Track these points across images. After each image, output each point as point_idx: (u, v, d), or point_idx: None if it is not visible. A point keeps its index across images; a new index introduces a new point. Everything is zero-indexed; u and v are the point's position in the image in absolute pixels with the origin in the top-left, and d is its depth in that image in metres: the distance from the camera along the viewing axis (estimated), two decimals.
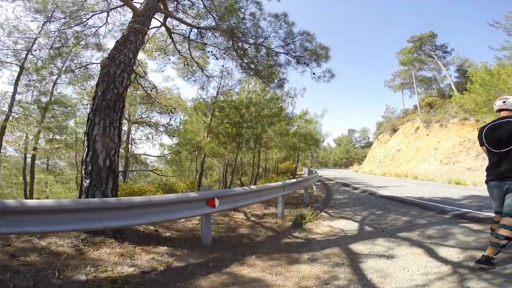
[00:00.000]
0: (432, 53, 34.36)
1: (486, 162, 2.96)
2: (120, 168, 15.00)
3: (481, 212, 5.00)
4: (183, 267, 3.04)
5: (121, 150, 15.31)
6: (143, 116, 14.85)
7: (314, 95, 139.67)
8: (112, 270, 2.73)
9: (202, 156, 10.14)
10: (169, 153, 14.12)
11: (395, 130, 36.37)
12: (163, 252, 3.40)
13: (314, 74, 7.38)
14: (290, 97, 12.09)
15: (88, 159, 3.87)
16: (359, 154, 61.42)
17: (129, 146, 14.98)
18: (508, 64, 17.62)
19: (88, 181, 3.78)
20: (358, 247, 3.61)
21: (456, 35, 73.97)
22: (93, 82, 10.37)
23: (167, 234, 4.25)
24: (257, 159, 11.08)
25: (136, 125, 15.68)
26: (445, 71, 32.87)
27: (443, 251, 3.22)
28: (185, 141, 11.41)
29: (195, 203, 3.36)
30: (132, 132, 16.10)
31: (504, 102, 2.77)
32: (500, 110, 2.82)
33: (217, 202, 3.47)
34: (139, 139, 16.07)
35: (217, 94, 9.81)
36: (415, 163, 24.97)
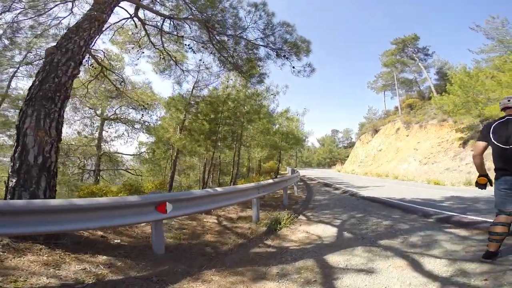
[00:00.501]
0: (414, 55, 35.07)
1: (463, 163, 2.83)
2: (91, 168, 14.03)
3: (465, 216, 4.69)
4: (118, 281, 2.48)
5: (92, 148, 14.35)
6: (116, 112, 13.92)
7: (298, 96, 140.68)
8: (25, 281, 2.22)
9: (175, 154, 9.44)
10: (145, 152, 13.31)
11: (376, 131, 36.88)
12: (101, 262, 2.81)
13: (293, 67, 6.93)
14: (272, 94, 11.65)
15: (16, 155, 3.20)
16: (342, 154, 62.17)
17: (101, 144, 14.00)
18: (486, 67, 18.00)
19: (14, 180, 3.12)
20: (335, 258, 3.14)
21: (438, 38, 76.56)
22: None
23: (116, 240, 3.63)
24: (237, 158, 10.53)
25: (111, 122, 14.74)
26: (425, 73, 33.63)
27: (429, 264, 2.81)
28: (157, 138, 10.68)
29: (140, 208, 2.79)
30: (107, 130, 15.15)
31: (509, 100, 2.80)
32: (505, 109, 2.84)
33: (169, 207, 2.90)
34: (116, 137, 15.13)
35: (192, 89, 9.17)
36: (395, 163, 25.26)
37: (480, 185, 2.96)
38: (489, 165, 2.77)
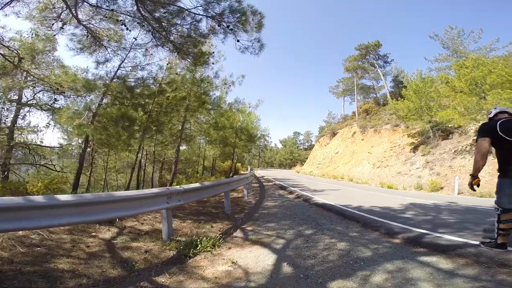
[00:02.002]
0: (375, 61, 36.14)
1: (413, 167, 5.51)
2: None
3: (440, 235, 3.59)
4: None
5: (3, 138, 11.39)
6: (37, 96, 11.16)
7: (263, 98, 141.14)
8: None
9: (83, 146, 7.33)
10: (67, 144, 10.82)
11: (334, 134, 37.34)
12: None
13: (238, 41, 5.43)
14: (225, 83, 10.04)
15: None
16: (302, 156, 62.83)
17: (14, 133, 11.13)
18: (437, 76, 18.46)
19: None
20: None
21: (398, 46, 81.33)
22: None
23: None
24: (176, 155, 8.77)
25: (31, 108, 11.86)
26: (383, 80, 34.82)
27: None
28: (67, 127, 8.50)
29: None
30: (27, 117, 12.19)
31: (495, 108, 3.01)
32: (497, 114, 2.89)
33: None
34: (34, 126, 12.24)
35: (117, 70, 7.18)
36: (350, 165, 25.34)
37: (474, 186, 2.87)
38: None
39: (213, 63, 10.05)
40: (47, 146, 11.17)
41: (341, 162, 28.21)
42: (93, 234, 3.96)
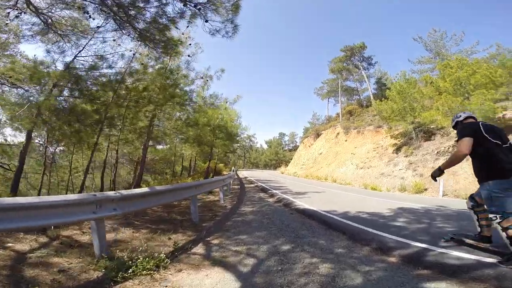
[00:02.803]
0: (359, 63, 36.23)
1: (396, 168, 3.45)
2: None
3: (444, 251, 2.91)
4: None
5: None
6: None
7: (250, 99, 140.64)
8: None
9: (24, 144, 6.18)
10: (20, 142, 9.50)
11: (318, 135, 37.11)
12: None
13: (206, 21, 4.59)
14: (201, 78, 9.10)
15: None
16: (287, 156, 62.51)
17: None
18: (421, 77, 18.33)
19: None
20: None
21: (382, 49, 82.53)
22: None
23: None
24: (143, 155, 7.75)
25: None
26: (367, 81, 34.92)
27: None
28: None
29: None
30: None
31: (464, 112, 3.11)
32: (466, 118, 3.00)
33: None
34: None
35: (73, 59, 6.10)
36: (334, 166, 25.00)
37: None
38: None
39: (189, 56, 9.15)
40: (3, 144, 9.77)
41: (325, 163, 27.88)
42: (9, 244, 3.05)
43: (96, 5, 5.54)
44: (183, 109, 8.20)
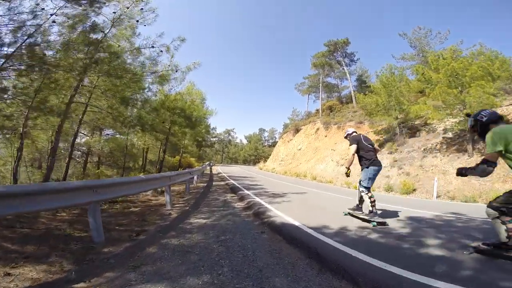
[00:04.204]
0: (342, 59, 35.02)
1: None
2: None
3: None
4: None
5: None
6: None
7: (233, 96, 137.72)
8: None
9: None
10: None
11: (298, 130, 35.62)
12: None
13: None
14: (152, 47, 6.71)
15: None
16: (266, 152, 60.88)
17: None
18: (399, 74, 17.06)
19: None
20: None
21: (364, 46, 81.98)
22: None
23: None
24: (54, 142, 5.28)
25: None
26: (349, 77, 33.82)
27: None
28: None
29: None
30: None
31: (355, 132, 4.73)
32: (349, 134, 4.69)
33: None
34: None
35: None
36: (313, 162, 23.56)
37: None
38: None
39: (137, 21, 6.75)
40: None
41: (304, 159, 26.38)
42: None
43: None
44: (123, 83, 5.87)
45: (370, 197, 3.95)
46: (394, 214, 4.91)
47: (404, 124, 15.98)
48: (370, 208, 3.91)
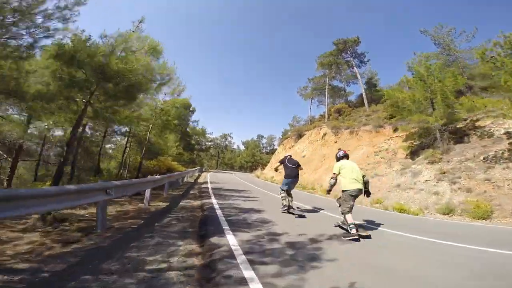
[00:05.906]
0: (351, 59, 31.61)
1: (420, 179, 8.52)
2: None
3: None
4: None
5: None
6: None
7: (235, 101, 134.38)
8: None
9: None
10: None
11: (300, 136, 31.78)
12: None
13: None
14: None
15: None
16: (264, 159, 56.92)
17: None
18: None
19: None
20: None
21: (376, 48, 78.09)
22: None
23: None
24: None
25: None
26: (359, 79, 30.35)
27: None
28: None
29: None
30: None
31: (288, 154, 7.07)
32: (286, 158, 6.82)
33: None
34: None
35: None
36: (322, 172, 19.68)
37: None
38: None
39: None
40: None
41: (310, 168, 22.39)
42: None
43: None
44: None
45: (282, 196, 6.43)
46: None
47: (445, 128, 12.27)
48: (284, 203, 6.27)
